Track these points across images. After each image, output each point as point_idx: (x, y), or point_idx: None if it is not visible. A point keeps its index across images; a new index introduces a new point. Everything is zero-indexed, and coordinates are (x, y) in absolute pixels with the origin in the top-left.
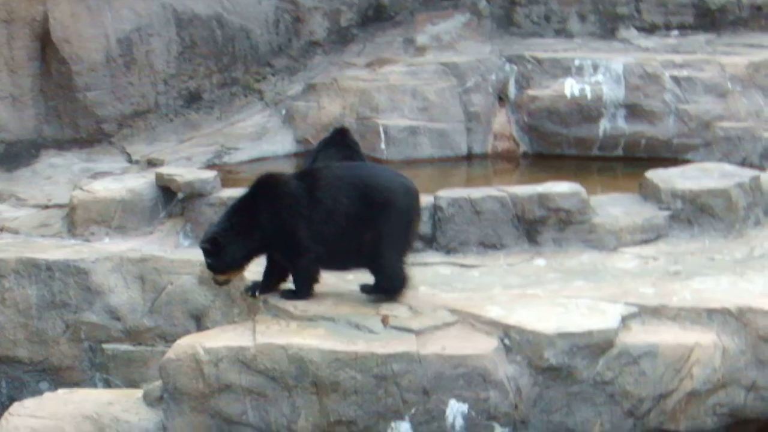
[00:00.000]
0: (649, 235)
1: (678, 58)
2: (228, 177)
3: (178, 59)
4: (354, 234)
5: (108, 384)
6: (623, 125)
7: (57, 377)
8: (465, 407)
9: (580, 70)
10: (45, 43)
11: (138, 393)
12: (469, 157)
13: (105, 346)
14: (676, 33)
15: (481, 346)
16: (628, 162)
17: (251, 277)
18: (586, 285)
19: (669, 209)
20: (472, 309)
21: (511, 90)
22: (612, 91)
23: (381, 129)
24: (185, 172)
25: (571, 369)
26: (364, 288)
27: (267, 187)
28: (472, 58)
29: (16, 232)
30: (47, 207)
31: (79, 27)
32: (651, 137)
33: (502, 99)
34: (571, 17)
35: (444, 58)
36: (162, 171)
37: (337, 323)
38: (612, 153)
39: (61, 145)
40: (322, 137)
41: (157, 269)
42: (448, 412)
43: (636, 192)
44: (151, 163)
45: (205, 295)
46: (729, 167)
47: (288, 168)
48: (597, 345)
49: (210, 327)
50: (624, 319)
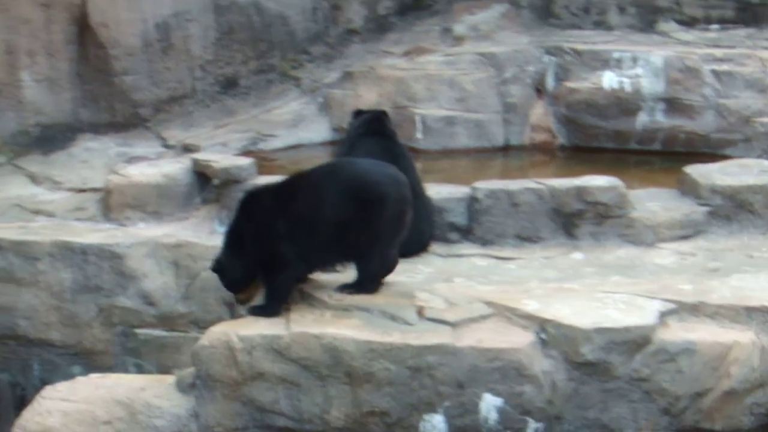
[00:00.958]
0: (688, 231)
1: (718, 52)
2: (263, 164)
3: (215, 45)
4: (346, 237)
5: (140, 369)
6: (662, 119)
7: (89, 361)
8: (499, 401)
9: (619, 62)
10: (83, 27)
11: (170, 379)
12: (506, 149)
13: (138, 331)
14: (716, 27)
15: (517, 339)
16: (665, 156)
17: None
18: (623, 280)
19: (708, 205)
20: (508, 302)
21: (549, 81)
22: (651, 85)
23: (417, 118)
24: (221, 158)
25: (608, 365)
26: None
27: (244, 205)
28: (510, 48)
29: (51, 215)
30: (82, 191)
31: (117, 11)
32: (690, 132)
33: (539, 90)
34: (611, 9)
35: (482, 48)
36: (198, 157)
37: (372, 314)
38: (650, 147)
39: (97, 129)
40: (355, 122)
41: (192, 255)
42: (482, 405)
43: (674, 187)
44: (187, 149)
45: None
46: None
47: (323, 156)
48: (634, 341)
49: (243, 315)
50: (662, 316)
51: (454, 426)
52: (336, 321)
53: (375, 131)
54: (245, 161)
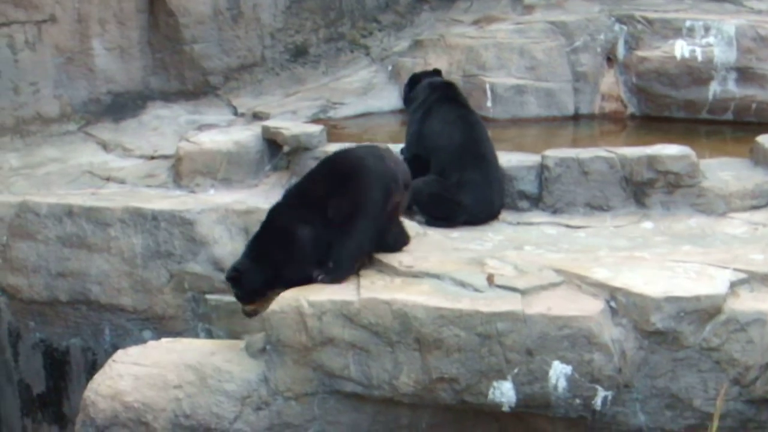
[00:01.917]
0: (759, 201)
1: None
2: (333, 132)
3: (285, 13)
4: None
5: (210, 334)
6: (734, 89)
7: (160, 326)
8: (568, 369)
9: (691, 31)
10: None
11: (240, 344)
12: (576, 118)
13: (208, 296)
14: None
15: (587, 307)
16: (737, 126)
17: None
18: (693, 249)
19: None
20: (578, 270)
21: (620, 50)
22: (723, 54)
23: (488, 87)
24: (292, 125)
25: (677, 334)
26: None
27: (269, 221)
28: (580, 17)
29: (122, 182)
30: (153, 158)
31: None
32: (762, 101)
33: (610, 59)
34: None
35: (552, 16)
36: (268, 124)
37: (442, 280)
38: (721, 117)
39: (168, 97)
40: (424, 89)
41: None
42: (551, 373)
43: (746, 157)
44: (257, 117)
45: None
46: None
47: (392, 124)
48: (704, 310)
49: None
50: (732, 286)
51: (522, 393)
52: (406, 287)
53: (450, 98)
54: (315, 128)
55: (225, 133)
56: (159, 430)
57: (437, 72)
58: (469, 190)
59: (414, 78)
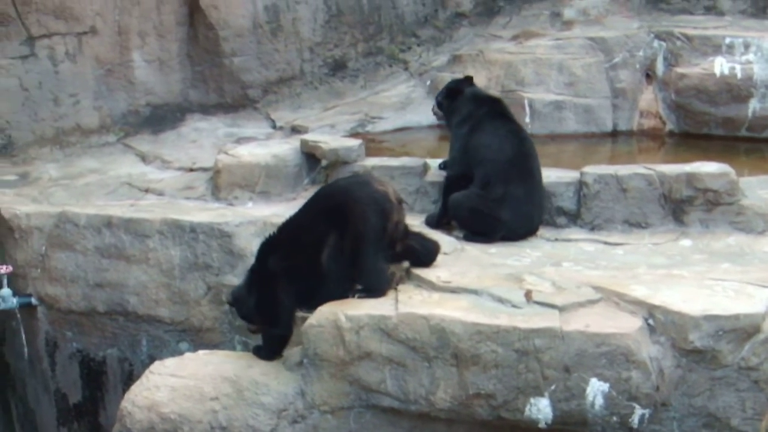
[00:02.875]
0: None
1: None
2: (371, 146)
3: (324, 27)
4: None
5: (247, 347)
6: None
7: (197, 338)
8: (606, 386)
9: (730, 48)
10: (193, 9)
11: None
12: (614, 134)
13: None
14: None
15: (625, 325)
16: None
17: None
18: (732, 268)
19: None
20: (616, 287)
21: (659, 67)
22: (763, 71)
23: (526, 102)
24: (330, 139)
25: (716, 353)
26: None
27: (259, 260)
28: (619, 33)
29: (160, 193)
30: (192, 170)
31: None
32: None
33: (649, 76)
34: None
35: (591, 32)
36: (307, 138)
37: (480, 296)
38: (760, 134)
39: (206, 110)
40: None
41: None
42: (588, 390)
43: None
44: (295, 130)
45: None
46: None
47: (430, 138)
48: (743, 329)
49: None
50: None
51: (559, 410)
52: (443, 302)
53: (499, 113)
54: (354, 142)
55: (263, 147)
56: None
57: (470, 79)
58: (511, 205)
59: (454, 89)
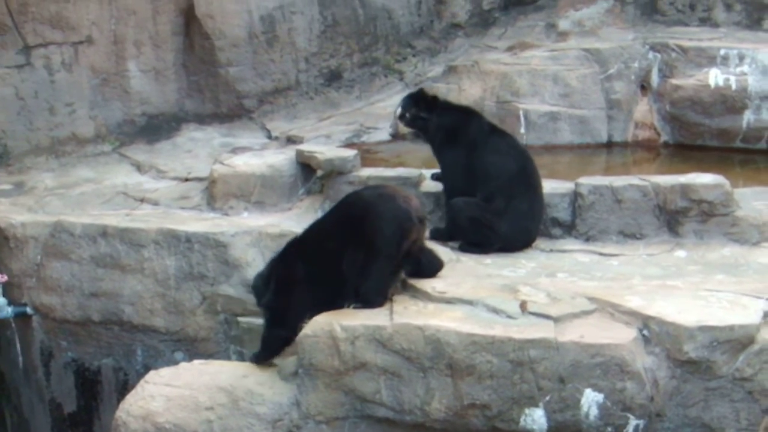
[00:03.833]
0: None
1: None
2: (367, 156)
3: (319, 38)
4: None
5: (242, 357)
6: None
7: (192, 348)
8: (600, 397)
9: (725, 60)
10: (189, 19)
11: (272, 367)
12: (609, 145)
13: (240, 319)
14: None
15: (620, 335)
16: None
17: None
18: (727, 279)
19: None
20: (611, 298)
21: (654, 78)
22: (757, 83)
23: (521, 113)
24: (326, 149)
25: (710, 363)
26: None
27: (282, 258)
28: (615, 44)
29: (156, 203)
30: (187, 180)
31: (223, 3)
32: None
33: (644, 87)
34: (717, 6)
35: (586, 44)
36: (302, 148)
37: (475, 306)
38: (755, 146)
39: (202, 120)
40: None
41: None
42: (583, 401)
43: None
44: (291, 140)
45: None
46: None
47: (424, 150)
48: (738, 340)
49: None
50: (766, 315)
51: (554, 420)
52: (439, 313)
53: (490, 127)
54: (349, 153)
55: (259, 157)
56: None
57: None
58: (511, 219)
59: (426, 99)
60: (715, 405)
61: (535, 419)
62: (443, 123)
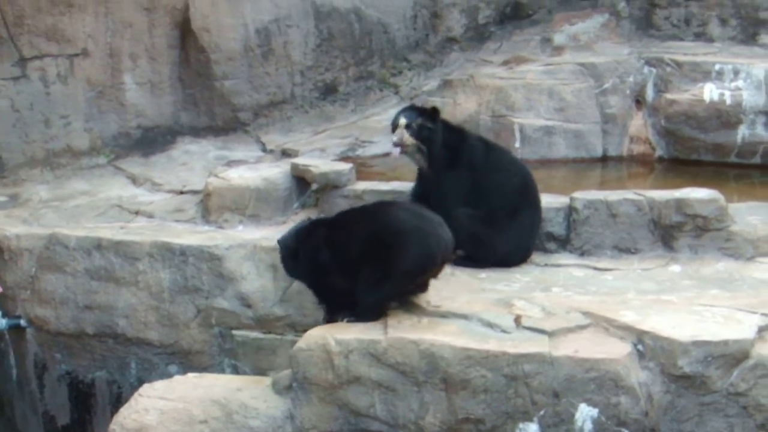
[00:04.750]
0: None
1: None
2: (362, 170)
3: (315, 51)
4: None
5: (236, 370)
6: (762, 132)
7: (186, 361)
8: (595, 412)
9: (720, 74)
10: (185, 32)
11: (266, 380)
12: (604, 159)
13: (235, 332)
14: None
15: (615, 350)
16: (766, 170)
17: None
18: (721, 294)
19: None
20: (605, 313)
21: (649, 93)
22: (752, 98)
23: (516, 128)
24: (321, 163)
25: (705, 378)
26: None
27: (308, 232)
28: (610, 59)
29: (150, 216)
30: (182, 192)
31: (219, 16)
32: None
33: (639, 102)
34: (712, 21)
35: (581, 58)
36: (297, 161)
37: (470, 321)
38: (750, 160)
39: (197, 133)
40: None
41: None
42: (577, 415)
43: None
44: (286, 154)
45: None
46: None
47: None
48: (732, 355)
49: (339, 319)
50: (760, 330)
51: None
52: (433, 327)
53: (488, 145)
54: (344, 166)
55: (254, 170)
56: None
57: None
58: (511, 238)
59: (424, 109)
60: (710, 420)
61: None
62: (445, 141)
